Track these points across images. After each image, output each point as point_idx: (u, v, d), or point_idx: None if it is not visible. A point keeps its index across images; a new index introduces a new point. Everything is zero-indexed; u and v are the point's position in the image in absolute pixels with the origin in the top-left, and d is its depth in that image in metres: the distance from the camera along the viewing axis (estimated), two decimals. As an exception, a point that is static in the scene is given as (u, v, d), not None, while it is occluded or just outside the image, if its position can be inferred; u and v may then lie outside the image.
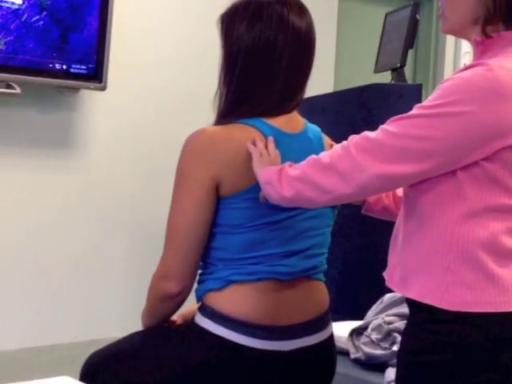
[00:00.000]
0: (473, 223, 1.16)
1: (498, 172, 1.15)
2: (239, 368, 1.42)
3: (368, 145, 1.17)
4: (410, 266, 1.22)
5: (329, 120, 2.65)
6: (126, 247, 3.24)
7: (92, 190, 3.12)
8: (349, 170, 1.18)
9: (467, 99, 1.13)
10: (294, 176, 1.25)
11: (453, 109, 1.13)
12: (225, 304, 1.44)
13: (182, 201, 1.45)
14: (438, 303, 1.17)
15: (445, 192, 1.19)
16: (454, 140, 1.14)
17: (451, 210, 1.18)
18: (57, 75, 2.83)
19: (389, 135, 1.17)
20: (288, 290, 1.48)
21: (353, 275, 2.62)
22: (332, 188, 1.21)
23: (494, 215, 1.16)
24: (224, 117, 1.49)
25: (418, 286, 1.20)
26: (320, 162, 1.22)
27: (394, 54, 2.76)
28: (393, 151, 1.16)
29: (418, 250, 1.21)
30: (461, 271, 1.16)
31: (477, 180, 1.16)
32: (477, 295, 1.15)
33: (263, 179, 1.33)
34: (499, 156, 1.15)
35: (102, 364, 1.56)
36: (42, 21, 2.78)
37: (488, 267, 1.16)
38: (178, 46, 3.31)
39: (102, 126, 3.12)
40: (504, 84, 1.13)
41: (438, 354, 1.17)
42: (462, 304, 1.16)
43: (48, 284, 3.03)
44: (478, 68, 1.15)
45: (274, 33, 1.45)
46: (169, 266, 1.46)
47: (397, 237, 1.29)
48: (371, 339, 1.83)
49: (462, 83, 1.15)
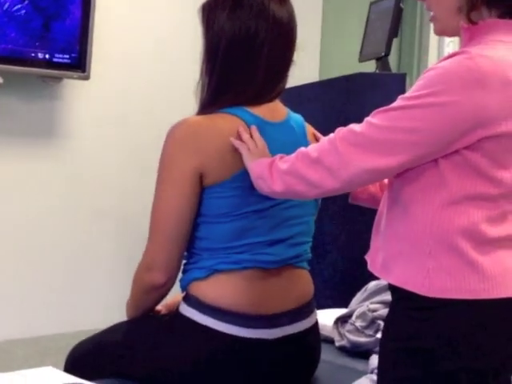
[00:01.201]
0: (453, 211, 1.17)
1: (479, 161, 1.16)
2: (224, 357, 1.43)
3: (354, 139, 1.18)
4: (392, 252, 1.23)
5: (314, 109, 2.65)
6: (111, 237, 3.23)
7: (75, 180, 3.10)
8: (336, 165, 1.19)
9: (449, 89, 1.13)
10: (284, 170, 1.26)
11: (435, 99, 1.13)
12: (209, 293, 1.45)
13: (166, 191, 1.44)
14: (418, 289, 1.18)
15: (427, 181, 1.19)
16: (436, 130, 1.14)
17: (433, 197, 1.19)
18: (40, 64, 2.80)
19: (373, 128, 1.17)
20: (273, 279, 1.49)
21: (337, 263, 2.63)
22: (320, 183, 1.22)
23: (474, 203, 1.17)
24: (206, 106, 1.49)
25: (399, 272, 1.21)
26: (309, 157, 1.23)
27: (378, 43, 2.76)
28: (378, 145, 1.16)
29: (400, 237, 1.22)
30: (441, 258, 1.17)
31: (458, 168, 1.17)
32: (457, 282, 1.16)
33: (255, 174, 1.33)
34: (480, 145, 1.15)
35: (87, 355, 1.56)
36: (24, 9, 2.75)
37: (468, 254, 1.16)
38: (161, 36, 3.30)
39: (86, 116, 3.11)
40: (485, 73, 1.13)
41: (418, 340, 1.18)
42: (443, 290, 1.16)
43: (33, 275, 3.02)
44: (459, 57, 1.15)
45: (254, 22, 1.45)
46: (153, 256, 1.46)
47: (379, 222, 1.29)
48: (356, 327, 1.84)
49: (444, 73, 1.15)
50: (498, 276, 1.17)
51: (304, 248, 1.56)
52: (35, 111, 2.97)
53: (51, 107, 3.02)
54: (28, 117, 2.95)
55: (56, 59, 2.83)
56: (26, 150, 2.98)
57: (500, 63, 1.14)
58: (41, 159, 3.01)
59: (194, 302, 1.46)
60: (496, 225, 1.18)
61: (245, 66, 1.47)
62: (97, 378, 1.45)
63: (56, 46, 2.82)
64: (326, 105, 2.72)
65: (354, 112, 2.53)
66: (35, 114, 2.97)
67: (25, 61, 2.77)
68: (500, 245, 1.18)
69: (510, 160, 1.17)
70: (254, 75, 1.47)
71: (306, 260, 1.58)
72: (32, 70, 2.80)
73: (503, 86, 1.13)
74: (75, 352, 1.60)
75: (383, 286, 1.92)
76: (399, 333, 1.22)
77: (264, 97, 1.49)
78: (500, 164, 1.16)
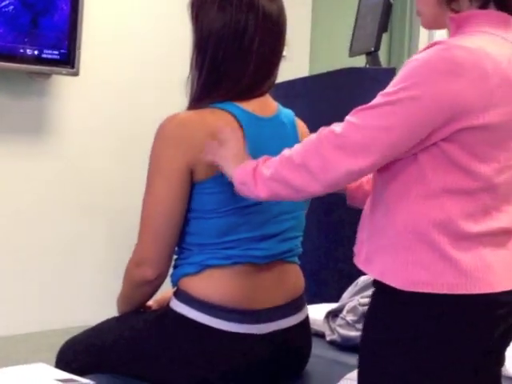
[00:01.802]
0: (430, 204, 1.17)
1: (457, 153, 1.15)
2: (215, 352, 1.43)
3: (335, 141, 1.18)
4: (375, 246, 1.24)
5: (304, 104, 2.65)
6: (101, 234, 3.22)
7: (64, 177, 3.09)
8: (319, 168, 1.18)
9: (424, 81, 1.13)
10: (268, 176, 1.25)
11: (411, 92, 1.13)
12: (200, 288, 1.45)
13: (157, 187, 1.44)
14: (394, 283, 1.18)
15: (406, 175, 1.19)
16: (414, 124, 1.14)
17: (411, 191, 1.19)
18: (28, 61, 2.79)
19: (353, 128, 1.17)
20: (263, 274, 1.49)
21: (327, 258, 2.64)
22: (304, 187, 1.21)
23: (451, 197, 1.17)
24: (196, 101, 1.49)
25: (380, 265, 1.22)
26: (292, 162, 1.22)
27: (368, 37, 2.76)
28: (358, 145, 1.16)
29: (382, 231, 1.22)
30: (417, 251, 1.17)
31: (436, 161, 1.17)
32: (433, 276, 1.16)
33: (238, 180, 1.31)
34: (457, 137, 1.15)
35: (78, 351, 1.56)
36: (13, 5, 2.74)
37: (445, 249, 1.16)
38: (150, 31, 3.29)
39: (75, 112, 3.10)
40: (461, 63, 1.12)
41: (394, 333, 1.19)
42: (418, 284, 1.16)
43: (22, 272, 3.01)
44: (435, 48, 1.15)
45: (244, 16, 1.45)
46: (144, 251, 1.46)
47: (365, 215, 1.30)
48: (346, 321, 1.85)
49: (420, 65, 1.15)
50: (477, 271, 1.16)
51: (295, 243, 1.57)
52: (24, 108, 2.96)
53: (40, 103, 3.00)
54: (16, 113, 2.94)
55: (45, 55, 2.82)
56: (14, 146, 2.96)
57: (477, 53, 1.13)
58: (30, 156, 3.00)
59: (184, 297, 1.46)
60: (476, 220, 1.18)
61: (234, 60, 1.46)
62: (88, 373, 1.44)
63: (45, 41, 2.81)
64: (316, 100, 2.72)
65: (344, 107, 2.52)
66: (24, 110, 2.96)
67: (13, 57, 2.76)
68: (481, 240, 1.18)
69: (489, 153, 1.16)
70: (244, 70, 1.47)
71: (297, 255, 1.58)
72: (20, 66, 2.79)
73: (480, 77, 1.12)
74: (66, 348, 1.59)
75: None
76: (377, 326, 1.22)
77: (254, 91, 1.49)
78: (478, 157, 1.16)
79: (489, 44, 1.16)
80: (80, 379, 1.34)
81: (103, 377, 1.47)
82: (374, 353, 1.22)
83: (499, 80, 1.13)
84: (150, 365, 1.46)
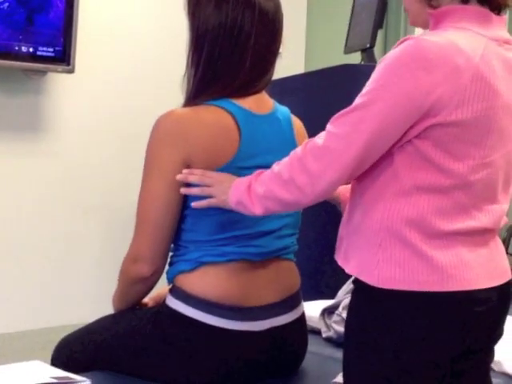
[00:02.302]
0: (403, 202, 1.17)
1: (430, 150, 1.15)
2: (211, 349, 1.43)
3: (318, 153, 1.19)
4: (351, 243, 1.25)
5: (300, 101, 2.65)
6: (98, 231, 3.22)
7: (60, 174, 3.09)
8: (306, 184, 1.20)
9: (395, 79, 1.13)
10: (262, 194, 1.27)
11: (383, 92, 1.14)
12: (196, 285, 1.45)
13: (152, 183, 1.44)
14: (370, 280, 1.19)
15: (381, 173, 1.20)
16: (388, 124, 1.14)
17: (385, 189, 1.19)
18: (23, 58, 2.79)
19: (333, 137, 1.18)
20: (259, 271, 1.49)
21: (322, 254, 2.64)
22: (294, 201, 1.24)
23: (425, 195, 1.17)
24: (192, 98, 1.49)
25: (355, 262, 1.23)
26: (281, 178, 1.24)
27: (363, 34, 2.76)
28: (339, 155, 1.17)
29: (357, 228, 1.23)
30: (391, 249, 1.17)
31: (410, 159, 1.17)
32: (406, 273, 1.16)
33: (234, 199, 1.32)
34: (430, 133, 1.15)
35: (73, 349, 1.56)
36: (8, 3, 2.73)
37: (418, 246, 1.16)
38: (146, 28, 3.28)
39: (71, 109, 3.09)
40: (430, 59, 1.11)
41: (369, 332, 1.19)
42: (393, 281, 1.17)
43: (19, 269, 3.00)
44: (405, 44, 1.15)
45: (241, 13, 1.45)
46: (140, 248, 1.46)
47: (346, 213, 1.31)
48: (342, 318, 1.85)
49: (390, 63, 1.15)
50: (451, 269, 1.16)
51: (291, 240, 1.57)
52: (19, 105, 2.95)
53: (35, 101, 3.00)
54: (12, 111, 2.94)
55: (40, 52, 2.81)
56: (10, 144, 2.96)
57: (447, 48, 1.12)
58: (25, 154, 3.00)
59: (180, 294, 1.46)
60: (451, 218, 1.17)
61: (231, 57, 1.46)
62: (84, 371, 1.44)
63: (40, 39, 2.81)
64: (312, 96, 2.72)
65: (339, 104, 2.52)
66: (19, 107, 2.95)
67: (8, 54, 2.75)
68: (456, 238, 1.18)
69: (463, 150, 1.16)
70: (240, 67, 1.47)
71: (293, 252, 1.58)
72: (16, 63, 2.78)
73: (451, 72, 1.11)
74: (62, 346, 1.59)
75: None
76: (356, 322, 1.23)
77: (250, 89, 1.49)
78: (452, 154, 1.15)
79: (461, 39, 1.14)
80: (76, 377, 1.34)
81: (99, 374, 1.47)
82: (355, 349, 1.23)
83: (471, 75, 1.12)
84: (145, 362, 1.46)
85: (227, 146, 1.44)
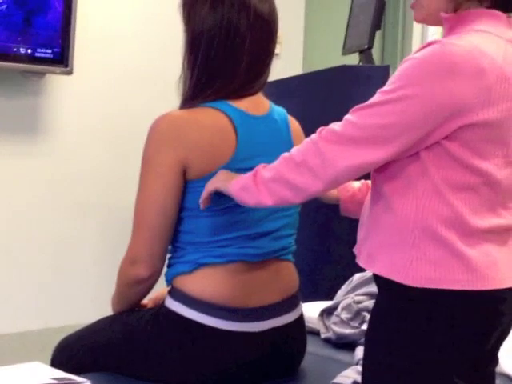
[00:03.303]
0: (437, 201, 1.18)
1: (459, 151, 1.17)
2: (209, 350, 1.43)
3: (334, 138, 1.19)
4: (377, 243, 1.23)
5: (298, 102, 2.65)
6: (96, 232, 3.22)
7: (59, 175, 3.09)
8: (319, 166, 1.19)
9: (422, 80, 1.14)
10: (270, 177, 1.24)
11: (409, 91, 1.14)
12: (195, 287, 1.45)
13: (150, 185, 1.44)
14: (403, 279, 1.18)
15: (410, 174, 1.20)
16: (413, 123, 1.15)
17: (417, 188, 1.19)
18: (22, 60, 2.78)
19: (352, 126, 1.18)
20: (257, 272, 1.49)
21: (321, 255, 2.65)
22: (305, 186, 1.21)
23: (457, 193, 1.18)
24: (188, 100, 1.49)
25: (384, 262, 1.21)
26: (293, 160, 1.22)
27: (361, 35, 2.76)
28: (357, 143, 1.17)
29: (384, 228, 1.22)
30: (425, 247, 1.18)
31: (439, 159, 1.18)
32: (442, 272, 1.17)
33: (237, 186, 1.30)
34: (458, 135, 1.16)
35: (73, 350, 1.56)
36: (6, 4, 2.73)
37: (453, 245, 1.17)
38: (144, 30, 3.28)
39: (69, 111, 3.09)
40: (457, 61, 1.13)
41: (401, 331, 1.19)
42: (427, 280, 1.17)
43: (18, 270, 3.00)
44: (432, 46, 1.16)
45: (236, 15, 1.45)
46: (138, 250, 1.46)
47: (364, 216, 1.30)
48: (341, 319, 1.85)
49: (417, 64, 1.16)
50: (484, 268, 1.17)
51: (289, 240, 1.57)
52: (17, 107, 2.95)
53: (34, 103, 3.00)
54: (10, 113, 2.93)
55: (38, 54, 2.81)
56: (8, 146, 2.96)
57: (472, 51, 1.14)
58: (24, 155, 3.00)
59: (179, 295, 1.46)
60: (481, 216, 1.19)
61: (226, 59, 1.47)
62: (83, 372, 1.45)
63: (38, 40, 2.80)
64: (309, 98, 2.73)
65: (337, 105, 2.53)
66: (18, 109, 2.95)
67: (6, 56, 2.75)
68: (486, 236, 1.19)
69: (489, 150, 1.17)
70: (236, 69, 1.47)
71: (291, 252, 1.58)
72: (14, 65, 2.78)
73: (476, 74, 1.13)
74: (62, 347, 1.59)
75: (368, 277, 1.93)
76: (384, 322, 1.23)
77: (246, 90, 1.49)
78: (478, 154, 1.17)
79: (483, 42, 1.17)
80: (75, 378, 1.35)
81: (98, 375, 1.47)
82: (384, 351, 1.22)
83: (496, 77, 1.15)
84: (144, 363, 1.46)
85: (224, 147, 1.44)
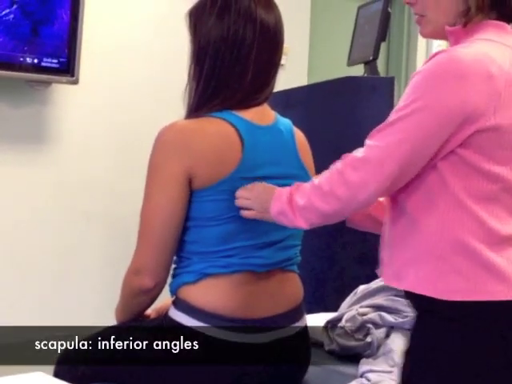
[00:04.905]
0: (460, 212, 1.18)
1: (473, 157, 1.17)
2: (214, 361, 1.43)
3: (359, 165, 1.21)
4: (403, 260, 1.24)
5: (303, 113, 2.66)
6: (100, 242, 3.22)
7: (64, 185, 3.09)
8: (345, 194, 1.22)
9: (432, 91, 1.15)
10: (302, 206, 1.29)
11: (421, 103, 1.15)
12: (199, 297, 1.44)
13: (156, 195, 1.44)
14: (433, 293, 1.18)
15: (431, 187, 1.21)
16: (428, 135, 1.16)
17: (439, 202, 1.20)
18: (28, 69, 2.79)
19: (374, 149, 1.20)
20: (262, 282, 1.49)
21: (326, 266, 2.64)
22: (334, 213, 1.25)
23: (479, 202, 1.18)
24: (194, 111, 1.49)
25: (412, 278, 1.22)
26: (321, 190, 1.25)
27: (366, 47, 2.77)
28: (379, 165, 1.19)
29: (410, 245, 1.23)
30: (452, 260, 1.18)
31: (456, 168, 1.18)
32: (472, 284, 1.17)
33: (275, 210, 1.34)
34: (472, 141, 1.17)
35: (76, 360, 1.55)
36: (13, 14, 2.74)
37: (481, 255, 1.17)
38: (151, 39, 3.29)
39: (74, 120, 3.10)
40: (465, 68, 1.14)
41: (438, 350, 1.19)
42: (458, 292, 1.17)
43: (21, 280, 3.00)
44: (439, 56, 1.17)
45: (242, 26, 1.46)
46: (143, 260, 1.46)
47: (384, 235, 1.31)
48: (345, 330, 1.85)
49: (426, 75, 1.17)
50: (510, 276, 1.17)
51: (294, 251, 1.57)
52: (23, 116, 2.95)
53: (40, 112, 3.00)
54: (16, 122, 2.94)
55: (44, 64, 2.82)
56: (14, 155, 2.96)
57: (480, 57, 1.15)
58: (30, 164, 3.00)
59: (183, 306, 1.45)
60: (505, 222, 1.19)
61: (232, 70, 1.47)
62: (86, 383, 1.44)
63: (44, 50, 2.81)
64: (315, 109, 2.73)
65: (342, 116, 2.53)
66: (23, 118, 2.96)
67: (13, 65, 2.76)
68: (510, 243, 1.19)
69: (504, 154, 1.18)
70: (242, 79, 1.47)
71: (296, 263, 1.58)
72: (20, 74, 2.78)
73: (485, 79, 1.14)
74: (64, 357, 1.59)
75: (372, 289, 1.93)
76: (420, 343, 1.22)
77: (252, 100, 1.50)
78: (493, 159, 1.17)
79: (490, 49, 1.18)
80: (78, 388, 1.34)
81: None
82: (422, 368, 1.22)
83: (505, 82, 1.16)
84: (148, 374, 1.46)
85: (230, 157, 1.44)
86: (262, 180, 1.44)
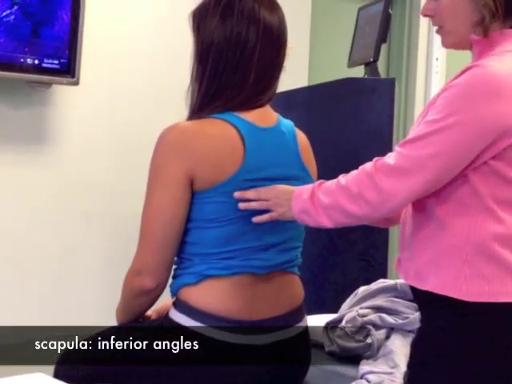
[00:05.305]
0: (488, 218, 1.21)
1: (505, 169, 1.20)
2: (214, 363, 1.43)
3: (389, 172, 1.22)
4: (426, 261, 1.26)
5: (303, 114, 2.66)
6: (101, 242, 3.22)
7: (65, 186, 3.09)
8: (376, 200, 1.23)
9: (467, 106, 1.17)
10: (328, 205, 1.29)
11: (455, 118, 1.17)
12: (200, 298, 1.45)
13: (157, 196, 1.44)
14: (456, 294, 1.21)
15: (462, 196, 1.23)
16: (461, 149, 1.18)
17: (469, 209, 1.22)
18: (28, 70, 2.79)
19: (405, 159, 1.22)
20: (263, 284, 1.49)
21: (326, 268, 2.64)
22: (363, 215, 1.27)
23: (506, 209, 1.21)
24: (197, 112, 1.49)
25: (436, 279, 1.24)
26: (349, 191, 1.26)
27: (367, 48, 2.77)
28: (410, 174, 1.20)
29: (435, 247, 1.25)
30: (478, 264, 1.20)
31: (487, 178, 1.21)
32: (494, 287, 1.19)
33: (297, 209, 1.34)
34: (505, 154, 1.19)
35: (76, 361, 1.55)
36: (13, 15, 2.74)
37: (506, 260, 1.20)
38: (152, 40, 3.29)
39: (75, 121, 3.10)
40: (500, 83, 1.16)
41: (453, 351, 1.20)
42: (481, 295, 1.19)
43: (21, 280, 3.00)
44: (472, 70, 1.19)
45: (245, 27, 1.46)
46: (144, 261, 1.46)
47: (404, 236, 1.33)
48: (346, 332, 1.85)
49: (461, 90, 1.19)
50: None
51: (295, 253, 1.57)
52: (24, 117, 2.96)
53: (40, 113, 3.00)
54: (17, 123, 2.94)
55: (45, 64, 2.82)
56: (14, 155, 2.96)
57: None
58: (30, 165, 3.00)
59: (183, 307, 1.46)
60: None
61: (235, 72, 1.47)
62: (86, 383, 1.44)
63: (45, 51, 2.81)
64: (315, 110, 2.73)
65: (343, 117, 2.54)
66: (24, 120, 2.96)
67: (14, 66, 2.76)
68: None
69: None
70: (245, 81, 1.47)
71: (297, 265, 1.58)
72: (21, 75, 2.78)
73: None
74: (64, 358, 1.59)
75: (373, 291, 1.93)
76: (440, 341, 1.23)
77: (255, 102, 1.50)
78: None
79: None
80: (79, 389, 1.34)
81: (102, 387, 1.47)
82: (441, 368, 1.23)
83: None
84: (148, 375, 1.46)
85: (232, 158, 1.44)
86: (264, 182, 1.44)
